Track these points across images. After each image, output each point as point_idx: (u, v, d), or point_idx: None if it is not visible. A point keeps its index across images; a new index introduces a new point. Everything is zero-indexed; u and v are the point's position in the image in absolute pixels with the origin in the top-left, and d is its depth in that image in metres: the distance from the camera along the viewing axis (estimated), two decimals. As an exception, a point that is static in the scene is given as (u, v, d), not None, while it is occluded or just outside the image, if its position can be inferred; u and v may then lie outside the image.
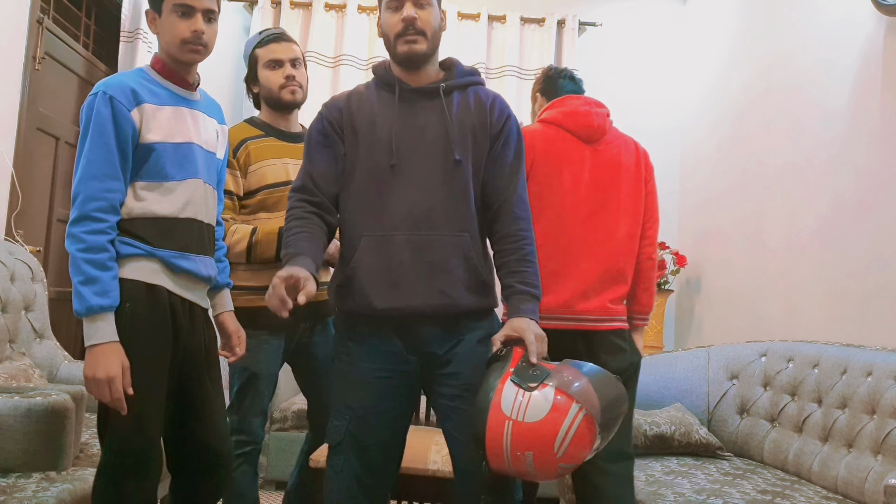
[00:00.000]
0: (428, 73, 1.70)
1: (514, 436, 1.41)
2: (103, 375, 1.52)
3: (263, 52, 2.19)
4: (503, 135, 1.70)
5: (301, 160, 2.15)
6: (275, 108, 2.22)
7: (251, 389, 2.16)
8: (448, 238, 1.62)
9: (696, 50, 4.07)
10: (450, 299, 1.61)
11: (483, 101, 1.72)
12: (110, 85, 1.62)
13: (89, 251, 1.54)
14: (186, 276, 1.70)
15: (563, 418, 1.40)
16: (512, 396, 1.43)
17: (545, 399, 1.42)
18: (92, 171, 1.57)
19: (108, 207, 1.58)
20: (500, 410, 1.43)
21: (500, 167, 1.70)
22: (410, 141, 1.65)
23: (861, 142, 2.58)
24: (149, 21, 1.72)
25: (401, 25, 1.63)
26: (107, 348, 1.53)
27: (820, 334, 2.71)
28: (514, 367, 1.49)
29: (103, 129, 1.58)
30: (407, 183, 1.63)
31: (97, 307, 1.52)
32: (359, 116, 1.69)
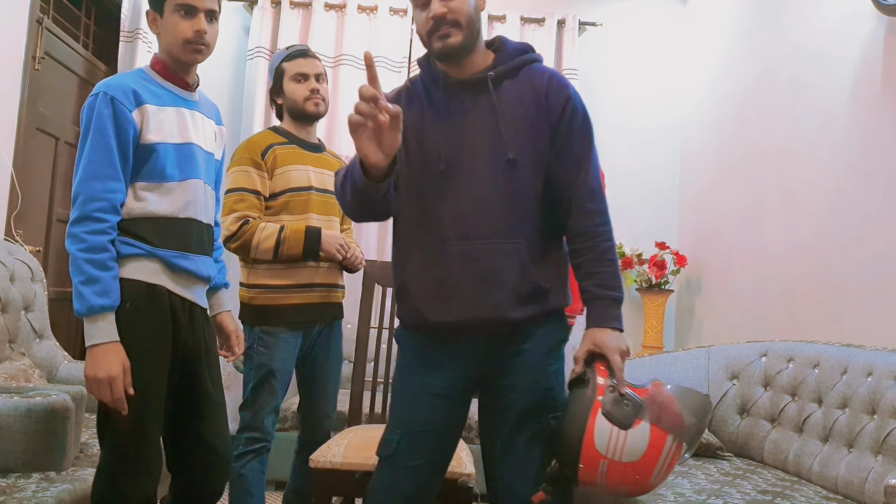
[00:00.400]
0: (474, 62, 1.57)
1: (609, 474, 1.38)
2: (104, 375, 1.52)
3: (290, 66, 2.29)
4: (564, 119, 1.55)
5: (323, 169, 2.33)
6: (298, 119, 2.32)
7: (266, 386, 2.21)
8: (501, 246, 1.51)
9: (696, 50, 4.07)
10: (501, 312, 1.51)
11: (538, 84, 1.56)
12: (111, 85, 1.62)
13: (90, 251, 1.54)
14: (186, 276, 1.70)
15: (660, 454, 1.38)
16: (606, 434, 1.38)
17: (642, 438, 1.38)
18: (93, 171, 1.57)
19: (109, 208, 1.58)
20: (595, 448, 1.38)
21: (565, 157, 1.55)
22: (459, 143, 1.54)
23: (861, 141, 2.58)
24: (149, 21, 1.71)
25: (431, 23, 1.51)
26: (108, 348, 1.53)
27: (820, 334, 2.71)
28: (601, 394, 1.42)
29: (104, 129, 1.58)
30: (457, 188, 1.53)
31: (98, 307, 1.52)
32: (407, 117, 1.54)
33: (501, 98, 1.55)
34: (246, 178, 2.22)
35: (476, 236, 1.51)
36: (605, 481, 1.39)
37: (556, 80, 1.58)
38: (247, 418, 2.23)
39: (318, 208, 2.29)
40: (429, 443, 1.54)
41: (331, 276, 2.32)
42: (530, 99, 1.55)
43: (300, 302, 2.25)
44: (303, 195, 2.25)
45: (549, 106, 1.55)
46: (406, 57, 4.06)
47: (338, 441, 1.97)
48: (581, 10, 4.18)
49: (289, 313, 2.23)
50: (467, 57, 1.55)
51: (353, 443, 1.96)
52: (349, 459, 1.89)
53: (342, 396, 3.39)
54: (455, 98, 1.56)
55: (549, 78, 1.57)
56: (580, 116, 1.57)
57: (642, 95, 4.25)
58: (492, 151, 1.52)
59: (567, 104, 1.55)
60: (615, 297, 1.51)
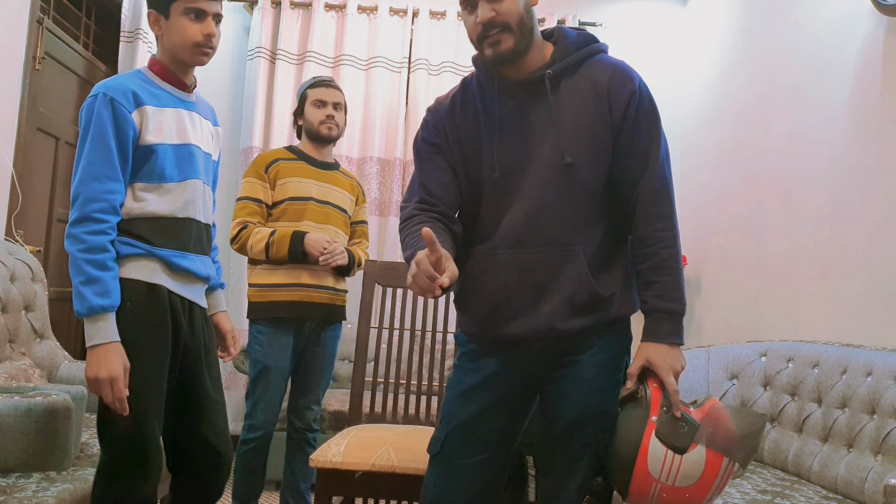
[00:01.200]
0: (531, 61, 1.48)
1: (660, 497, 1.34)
2: (105, 375, 1.52)
3: (312, 93, 2.58)
4: (629, 116, 1.45)
5: (329, 184, 2.56)
6: (313, 140, 2.60)
7: (262, 380, 2.46)
8: (556, 254, 1.45)
9: (696, 50, 4.07)
10: (555, 322, 1.45)
11: (599, 80, 1.46)
12: (110, 87, 1.62)
13: (90, 251, 1.54)
14: (186, 275, 1.70)
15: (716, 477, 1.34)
16: (660, 457, 1.33)
17: (699, 462, 1.33)
18: (92, 172, 1.57)
19: (109, 208, 1.58)
20: (647, 472, 1.34)
21: (628, 158, 1.46)
22: (516, 148, 1.47)
23: (861, 141, 2.58)
24: (151, 21, 1.70)
25: (480, 28, 1.43)
26: (108, 348, 1.53)
27: (820, 334, 2.71)
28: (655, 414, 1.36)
29: (104, 130, 1.58)
30: (513, 194, 1.47)
31: (98, 307, 1.52)
32: (462, 123, 1.52)
33: (559, 98, 1.46)
34: (250, 188, 2.51)
35: (530, 244, 1.45)
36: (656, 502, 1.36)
37: (620, 72, 1.47)
38: (249, 407, 2.51)
39: (314, 216, 2.51)
40: (476, 442, 1.51)
41: (323, 277, 2.50)
42: (590, 97, 1.46)
43: (287, 300, 2.47)
44: (300, 204, 2.50)
45: (611, 102, 1.45)
46: (406, 57, 4.06)
47: (338, 441, 1.97)
48: (581, 10, 4.18)
49: (277, 310, 2.47)
50: (522, 58, 1.47)
51: (353, 443, 1.96)
52: (349, 459, 1.89)
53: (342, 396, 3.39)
54: (511, 100, 1.49)
55: (611, 72, 1.47)
56: (646, 111, 1.47)
57: (642, 95, 4.24)
58: (548, 156, 1.45)
59: (631, 99, 1.45)
60: (673, 310, 1.43)
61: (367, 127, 4.00)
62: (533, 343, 1.49)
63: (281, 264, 2.46)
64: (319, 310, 2.51)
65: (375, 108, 3.99)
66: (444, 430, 1.54)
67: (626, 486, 1.36)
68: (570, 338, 1.48)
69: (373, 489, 1.93)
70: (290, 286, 2.46)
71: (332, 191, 2.57)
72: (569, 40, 1.50)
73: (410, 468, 1.86)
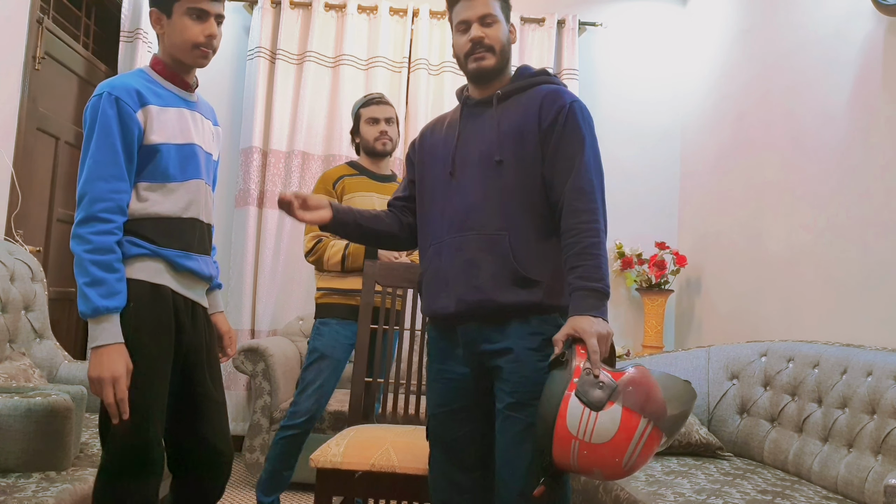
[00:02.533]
0: (497, 86, 1.76)
1: (580, 455, 1.39)
2: (108, 376, 1.52)
3: (365, 112, 2.75)
4: (557, 126, 1.66)
5: (386, 196, 2.73)
6: (370, 155, 2.77)
7: (315, 367, 2.62)
8: (484, 237, 1.65)
9: (696, 50, 4.07)
10: (484, 295, 1.62)
11: (536, 99, 1.70)
12: (115, 86, 1.61)
13: (96, 252, 1.54)
14: (189, 276, 1.71)
15: (632, 436, 1.38)
16: (577, 415, 1.39)
17: (612, 420, 1.38)
18: (98, 172, 1.57)
19: (115, 208, 1.57)
20: (566, 429, 1.39)
21: (557, 162, 1.66)
22: (466, 150, 1.72)
23: (861, 141, 2.58)
24: (153, 20, 1.70)
25: (469, 45, 1.70)
26: (112, 350, 1.53)
27: (820, 334, 2.71)
28: (577, 376, 1.43)
29: (109, 129, 1.58)
30: (459, 189, 1.71)
31: (104, 309, 1.52)
32: (431, 138, 1.82)
33: (503, 112, 1.71)
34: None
35: (465, 229, 1.67)
36: (577, 462, 1.40)
37: (555, 93, 1.69)
38: (297, 394, 2.63)
39: None
40: (452, 420, 1.71)
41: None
42: (527, 110, 1.69)
43: (355, 304, 2.66)
44: None
45: (542, 115, 1.67)
46: (406, 57, 4.06)
47: (338, 441, 1.97)
48: (581, 10, 4.18)
49: (342, 310, 2.67)
50: (496, 80, 1.74)
51: (353, 443, 1.96)
52: (349, 459, 1.89)
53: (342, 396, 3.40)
54: (471, 114, 1.76)
55: (548, 92, 1.70)
56: (573, 124, 1.66)
57: (642, 96, 4.24)
58: (486, 155, 1.69)
59: (560, 112, 1.66)
60: (595, 288, 1.54)
61: (367, 127, 4.00)
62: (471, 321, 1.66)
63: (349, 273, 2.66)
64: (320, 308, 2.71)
65: (375, 108, 3.99)
66: (429, 414, 1.76)
67: (550, 445, 1.41)
68: (500, 315, 1.63)
69: (373, 489, 1.93)
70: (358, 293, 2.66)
71: None
72: (523, 71, 1.77)
73: (410, 468, 1.87)
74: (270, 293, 3.87)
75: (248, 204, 3.90)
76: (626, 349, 4.00)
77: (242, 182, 3.93)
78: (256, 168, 3.92)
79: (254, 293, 3.88)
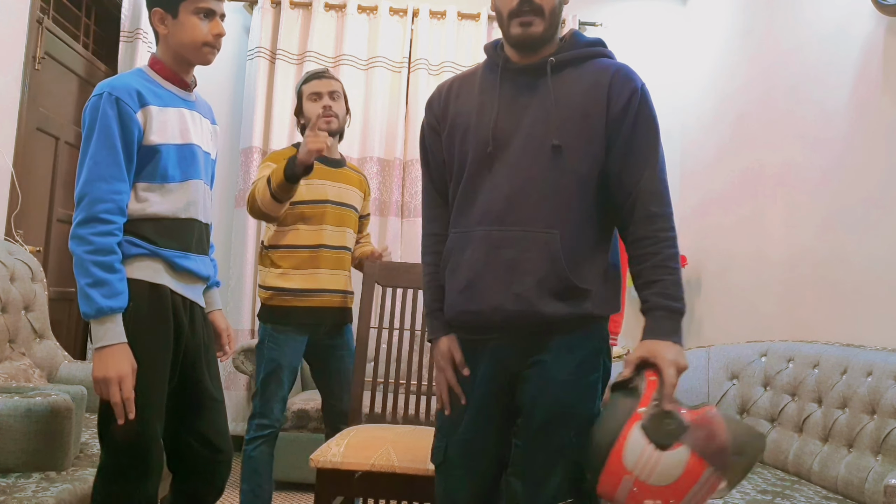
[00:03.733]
0: (543, 52, 1.50)
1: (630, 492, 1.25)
2: (114, 375, 1.52)
3: (306, 88, 2.49)
4: (630, 113, 1.44)
5: (341, 183, 2.51)
6: None
7: (275, 378, 2.43)
8: (531, 235, 1.42)
9: (697, 50, 4.07)
10: (528, 305, 1.41)
11: (602, 75, 1.46)
12: (115, 86, 1.61)
13: (97, 253, 1.53)
14: (188, 276, 1.71)
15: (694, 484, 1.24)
16: (639, 449, 1.24)
17: (678, 463, 1.23)
18: (99, 172, 1.56)
19: (116, 209, 1.57)
20: (622, 461, 1.25)
21: (629, 156, 1.44)
22: (509, 126, 1.46)
23: (861, 141, 2.58)
24: (155, 20, 1.69)
25: (515, 3, 1.43)
26: (116, 349, 1.54)
27: (820, 334, 2.71)
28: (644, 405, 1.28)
29: (109, 130, 1.58)
30: (500, 171, 1.45)
31: (107, 309, 1.53)
32: (457, 105, 1.53)
33: (559, 84, 1.46)
34: (267, 169, 2.37)
35: (508, 223, 1.43)
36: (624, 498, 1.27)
37: (625, 72, 1.47)
38: (257, 406, 2.45)
39: (332, 220, 2.47)
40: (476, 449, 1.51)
41: (339, 282, 2.50)
42: (591, 88, 1.45)
43: (308, 305, 2.44)
44: (319, 207, 2.45)
45: (612, 96, 1.44)
46: (406, 57, 4.06)
47: (338, 441, 1.97)
48: (581, 10, 4.18)
49: (298, 315, 2.45)
50: (542, 48, 1.49)
51: (353, 443, 1.95)
52: (349, 459, 1.89)
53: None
54: (511, 82, 1.49)
55: (616, 69, 1.47)
56: (647, 114, 1.46)
57: (642, 95, 4.24)
58: (537, 136, 1.44)
59: (633, 97, 1.44)
60: (675, 309, 1.39)
61: (367, 127, 4.00)
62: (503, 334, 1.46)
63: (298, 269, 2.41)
64: (333, 314, 2.50)
65: (375, 108, 3.99)
66: (445, 440, 1.54)
67: (598, 474, 1.29)
68: (541, 327, 1.44)
69: (373, 489, 1.93)
70: (306, 292, 2.43)
71: (345, 190, 2.52)
72: (579, 39, 1.53)
73: (410, 468, 1.86)
74: (270, 293, 3.87)
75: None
76: (627, 349, 4.01)
77: (242, 182, 3.93)
78: (256, 168, 3.92)
79: (254, 293, 3.88)
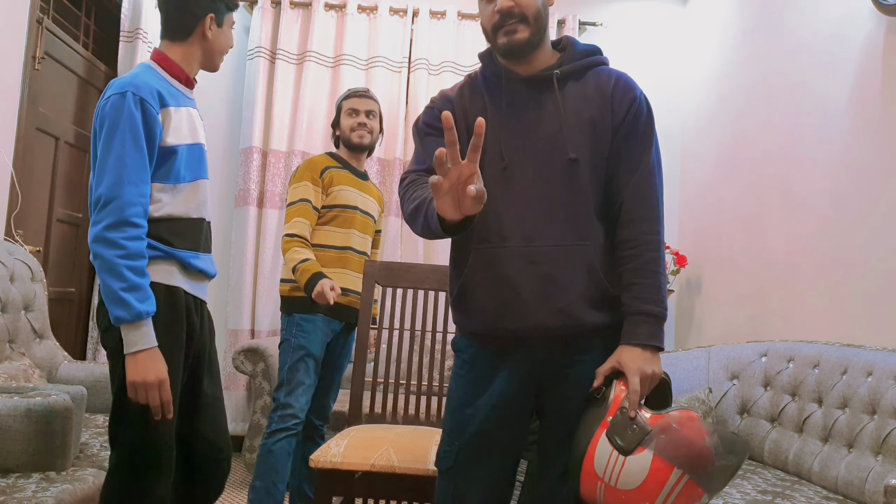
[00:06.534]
0: (539, 59, 1.51)
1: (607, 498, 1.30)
2: (154, 379, 1.54)
3: (346, 103, 2.70)
4: (627, 121, 1.48)
5: (365, 194, 2.73)
6: (349, 148, 2.70)
7: (302, 366, 2.49)
8: (564, 249, 1.44)
9: (697, 50, 4.07)
10: (571, 319, 1.43)
11: (604, 85, 1.50)
12: (139, 86, 1.60)
13: (130, 258, 1.53)
14: (198, 275, 1.73)
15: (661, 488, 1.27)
16: (605, 456, 1.30)
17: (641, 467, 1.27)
18: (129, 175, 1.55)
19: (143, 213, 1.58)
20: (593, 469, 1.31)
21: (622, 160, 1.48)
22: (522, 141, 1.48)
23: (861, 141, 2.58)
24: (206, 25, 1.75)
25: (497, 17, 1.45)
26: (153, 353, 1.55)
27: (820, 334, 2.71)
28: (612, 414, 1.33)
29: (136, 132, 1.57)
30: (518, 187, 1.46)
31: (144, 314, 1.53)
32: (472, 109, 1.52)
33: (565, 97, 1.49)
34: (305, 191, 2.58)
35: (539, 238, 1.44)
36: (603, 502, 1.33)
37: (624, 81, 1.52)
38: (281, 396, 2.47)
39: (359, 226, 2.66)
40: (489, 454, 1.49)
41: (358, 284, 2.64)
42: (595, 99, 1.49)
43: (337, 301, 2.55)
44: (349, 213, 2.63)
45: (614, 106, 1.49)
46: (406, 57, 4.06)
47: (338, 441, 1.97)
48: (581, 10, 4.18)
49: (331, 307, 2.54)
50: (532, 53, 1.49)
51: (353, 443, 1.95)
52: (349, 459, 1.89)
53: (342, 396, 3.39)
54: (518, 96, 1.50)
55: (616, 79, 1.51)
56: (644, 120, 1.51)
57: (642, 95, 4.24)
58: (554, 151, 1.46)
59: (632, 105, 1.49)
60: (652, 312, 1.40)
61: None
62: (539, 343, 1.46)
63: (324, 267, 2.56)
64: (350, 314, 2.64)
65: (375, 108, 3.99)
66: (456, 443, 1.51)
67: (577, 483, 1.35)
68: (583, 335, 1.46)
69: (373, 489, 1.93)
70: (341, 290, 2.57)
71: (369, 201, 2.72)
72: (577, 48, 1.54)
73: (410, 468, 1.86)
74: (270, 293, 3.87)
75: (248, 204, 3.90)
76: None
77: (242, 182, 3.92)
78: (256, 168, 3.92)
79: (254, 293, 3.88)
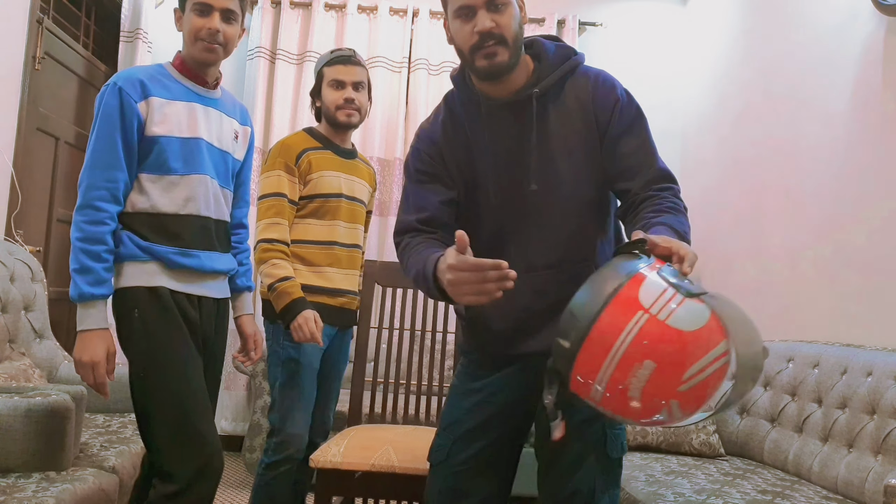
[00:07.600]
0: (514, 79, 1.47)
1: (641, 333, 1.04)
2: (88, 359, 1.58)
3: (329, 72, 2.26)
4: (613, 122, 1.46)
5: (353, 176, 2.31)
6: (332, 125, 2.30)
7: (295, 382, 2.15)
8: (566, 273, 1.44)
9: (697, 50, 4.07)
10: None
11: (582, 94, 1.47)
12: (121, 76, 1.67)
13: (86, 241, 1.58)
14: (188, 273, 1.72)
15: (712, 347, 1.04)
16: (658, 290, 1.07)
17: (700, 316, 1.05)
18: (96, 160, 1.61)
19: (109, 197, 1.61)
20: (636, 299, 1.06)
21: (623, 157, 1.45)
22: (510, 172, 1.45)
23: (861, 141, 2.58)
24: (176, 20, 1.77)
25: (476, 38, 1.39)
26: (95, 335, 1.59)
27: (820, 334, 2.71)
28: (661, 263, 1.14)
29: (110, 119, 1.62)
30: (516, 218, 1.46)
31: (89, 295, 1.57)
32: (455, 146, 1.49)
33: (548, 118, 1.46)
34: (277, 182, 2.20)
35: (541, 266, 1.45)
36: (625, 347, 1.04)
37: (601, 83, 1.48)
38: (276, 421, 2.15)
39: (345, 216, 2.29)
40: (485, 448, 1.49)
41: (350, 282, 2.31)
42: (577, 113, 1.46)
43: (325, 303, 2.21)
44: (333, 202, 2.25)
45: (597, 114, 1.46)
46: (406, 57, 4.06)
47: (338, 441, 1.97)
48: (581, 10, 4.18)
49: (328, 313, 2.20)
50: (509, 75, 1.45)
51: (353, 443, 1.96)
52: (349, 459, 1.89)
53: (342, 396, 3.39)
54: (498, 122, 1.47)
55: (593, 84, 1.48)
56: (632, 114, 1.48)
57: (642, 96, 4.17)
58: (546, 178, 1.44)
59: (615, 107, 1.46)
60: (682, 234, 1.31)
61: (367, 126, 3.99)
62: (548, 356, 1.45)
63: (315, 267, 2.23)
64: (348, 315, 2.32)
65: (375, 107, 3.98)
66: (450, 437, 1.51)
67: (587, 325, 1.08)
68: None
69: (373, 489, 1.93)
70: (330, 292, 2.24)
71: (356, 184, 2.34)
72: (550, 56, 1.49)
73: (410, 468, 1.86)
74: (270, 293, 3.86)
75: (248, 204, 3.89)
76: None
77: (242, 182, 3.92)
78: (256, 168, 3.92)
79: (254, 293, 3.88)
